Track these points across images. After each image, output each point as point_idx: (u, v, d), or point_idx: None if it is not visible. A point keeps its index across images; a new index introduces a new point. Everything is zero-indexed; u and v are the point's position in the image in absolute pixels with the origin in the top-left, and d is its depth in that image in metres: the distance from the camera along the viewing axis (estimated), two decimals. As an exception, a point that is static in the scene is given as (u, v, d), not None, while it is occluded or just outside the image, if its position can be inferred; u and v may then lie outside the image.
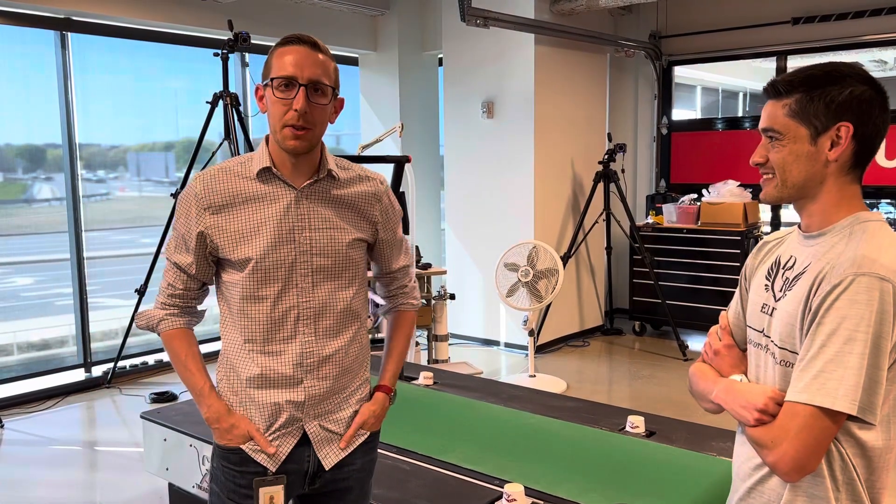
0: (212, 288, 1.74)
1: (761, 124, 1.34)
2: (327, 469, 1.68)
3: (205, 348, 1.77)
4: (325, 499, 1.74)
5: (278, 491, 1.63)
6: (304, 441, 1.66)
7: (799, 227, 1.38)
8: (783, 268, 1.36)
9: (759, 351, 1.38)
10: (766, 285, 1.39)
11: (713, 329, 1.52)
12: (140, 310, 1.74)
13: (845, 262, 1.22)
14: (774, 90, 1.32)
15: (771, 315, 1.34)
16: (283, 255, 1.60)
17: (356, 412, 1.72)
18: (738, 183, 6.00)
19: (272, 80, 1.56)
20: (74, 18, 5.10)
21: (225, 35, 4.87)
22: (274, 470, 1.64)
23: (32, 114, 5.18)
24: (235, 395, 1.66)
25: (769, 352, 1.34)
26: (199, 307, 1.73)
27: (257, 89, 1.63)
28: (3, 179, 5.12)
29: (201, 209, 1.60)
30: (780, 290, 1.34)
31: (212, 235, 1.60)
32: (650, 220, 6.42)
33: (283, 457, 1.65)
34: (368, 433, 1.75)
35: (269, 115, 1.60)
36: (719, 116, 6.94)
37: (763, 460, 1.27)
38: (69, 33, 5.14)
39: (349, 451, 1.71)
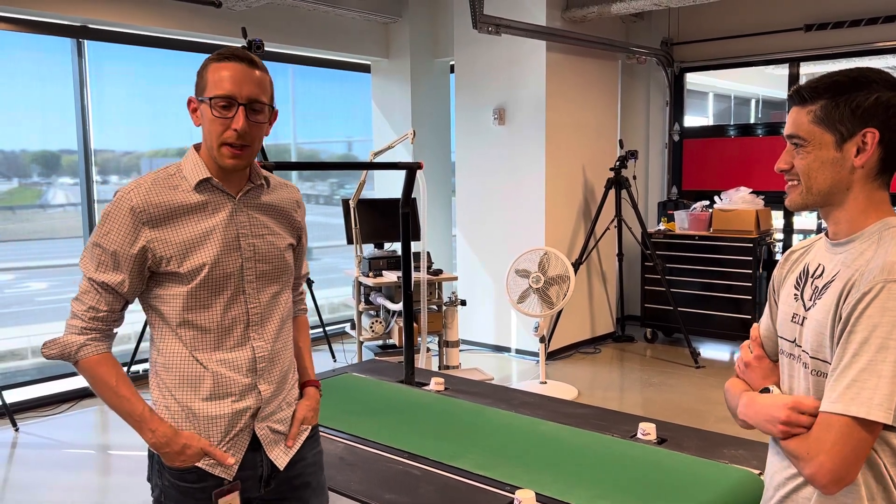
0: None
1: (786, 130, 1.33)
2: (281, 469, 1.72)
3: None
4: (285, 499, 1.76)
5: (235, 497, 1.65)
6: (254, 446, 1.68)
7: (826, 234, 1.36)
8: (812, 276, 1.34)
9: (792, 361, 1.36)
10: (795, 295, 1.37)
11: (745, 343, 1.50)
12: (49, 338, 1.58)
13: (874, 268, 1.20)
14: (799, 96, 1.30)
15: (801, 325, 1.33)
16: (231, 263, 1.62)
17: (294, 411, 1.77)
18: (751, 190, 5.98)
19: (210, 98, 1.54)
20: (90, 26, 5.16)
21: (239, 42, 4.92)
22: (231, 479, 1.65)
23: (48, 120, 5.23)
24: (185, 413, 1.62)
25: (801, 362, 1.33)
26: (115, 329, 1.64)
27: (190, 101, 1.60)
28: (19, 185, 5.17)
29: (139, 224, 1.54)
30: (810, 300, 1.32)
31: (155, 249, 1.55)
32: (662, 226, 6.40)
33: (238, 464, 1.65)
34: (310, 428, 1.80)
35: (205, 130, 1.59)
36: (731, 123, 6.93)
37: (800, 472, 1.26)
38: (85, 41, 5.20)
39: (297, 448, 1.75)
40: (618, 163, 6.06)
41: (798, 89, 1.31)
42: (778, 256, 6.18)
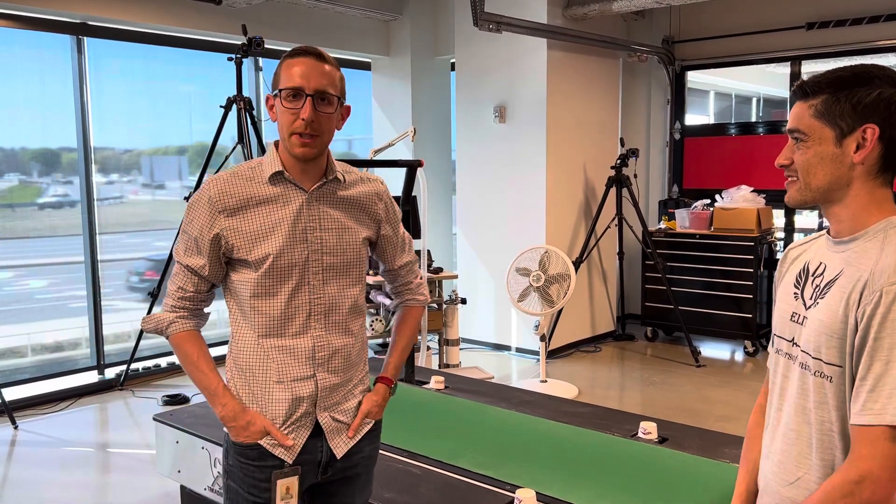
0: (218, 291, 1.79)
1: (788, 125, 1.31)
2: (339, 458, 1.76)
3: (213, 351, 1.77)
4: (335, 486, 1.81)
5: (294, 482, 1.70)
6: (316, 433, 1.73)
7: (828, 231, 1.34)
8: (812, 275, 1.32)
9: (789, 362, 1.34)
10: (794, 293, 1.35)
11: None
12: (147, 314, 1.75)
13: (885, 269, 1.18)
14: (802, 91, 1.29)
15: (801, 324, 1.31)
16: (297, 254, 1.68)
17: (360, 402, 1.80)
18: (752, 188, 5.97)
19: (280, 90, 1.64)
20: (90, 23, 5.15)
21: (239, 40, 4.90)
22: (291, 462, 1.70)
23: (48, 117, 5.22)
24: (251, 392, 1.70)
25: (798, 362, 1.31)
26: (206, 309, 1.77)
27: (267, 99, 1.70)
28: (19, 182, 5.16)
29: (216, 212, 1.65)
30: (811, 299, 1.30)
31: (227, 237, 1.65)
32: (663, 225, 6.39)
33: (299, 448, 1.71)
34: (373, 422, 1.83)
35: (278, 123, 1.68)
36: (732, 122, 6.91)
37: (856, 499, 1.19)
38: (85, 38, 5.19)
39: (357, 440, 1.79)
40: (619, 161, 6.05)
41: (801, 84, 1.30)
42: (779, 255, 6.16)
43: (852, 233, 1.28)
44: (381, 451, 2.70)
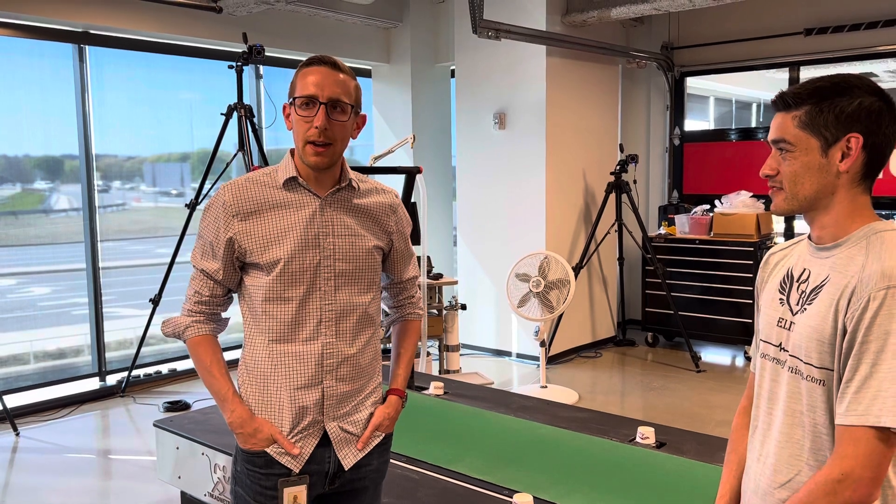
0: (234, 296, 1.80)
1: (771, 136, 1.33)
2: (346, 469, 1.74)
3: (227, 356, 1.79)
4: (342, 498, 1.80)
5: (301, 490, 1.69)
6: (324, 442, 1.72)
7: (809, 237, 1.36)
8: (797, 281, 1.34)
9: (777, 366, 1.36)
10: (780, 299, 1.37)
11: None
12: (166, 317, 1.77)
13: (873, 275, 1.20)
14: (783, 102, 1.32)
15: (789, 329, 1.33)
16: (308, 259, 1.68)
17: (371, 414, 1.78)
18: (751, 194, 5.98)
19: (295, 98, 1.65)
20: (92, 32, 5.18)
21: (239, 48, 4.93)
22: (298, 471, 1.69)
23: (50, 125, 5.25)
24: (260, 397, 1.70)
25: (786, 366, 1.33)
26: (224, 315, 1.78)
27: (284, 108, 1.71)
28: (22, 190, 5.19)
29: (229, 216, 1.66)
30: (798, 304, 1.32)
31: (240, 241, 1.66)
32: (662, 230, 6.40)
33: (306, 457, 1.70)
34: (383, 435, 1.82)
35: (293, 132, 1.68)
36: (732, 127, 6.93)
37: (838, 498, 1.21)
38: (87, 46, 5.22)
39: (366, 452, 1.77)
40: (618, 167, 6.06)
41: (782, 95, 1.32)
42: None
43: (835, 239, 1.31)
44: (379, 457, 2.71)
